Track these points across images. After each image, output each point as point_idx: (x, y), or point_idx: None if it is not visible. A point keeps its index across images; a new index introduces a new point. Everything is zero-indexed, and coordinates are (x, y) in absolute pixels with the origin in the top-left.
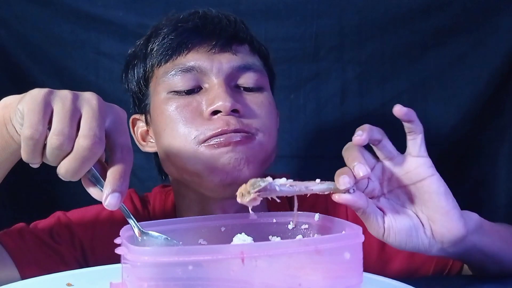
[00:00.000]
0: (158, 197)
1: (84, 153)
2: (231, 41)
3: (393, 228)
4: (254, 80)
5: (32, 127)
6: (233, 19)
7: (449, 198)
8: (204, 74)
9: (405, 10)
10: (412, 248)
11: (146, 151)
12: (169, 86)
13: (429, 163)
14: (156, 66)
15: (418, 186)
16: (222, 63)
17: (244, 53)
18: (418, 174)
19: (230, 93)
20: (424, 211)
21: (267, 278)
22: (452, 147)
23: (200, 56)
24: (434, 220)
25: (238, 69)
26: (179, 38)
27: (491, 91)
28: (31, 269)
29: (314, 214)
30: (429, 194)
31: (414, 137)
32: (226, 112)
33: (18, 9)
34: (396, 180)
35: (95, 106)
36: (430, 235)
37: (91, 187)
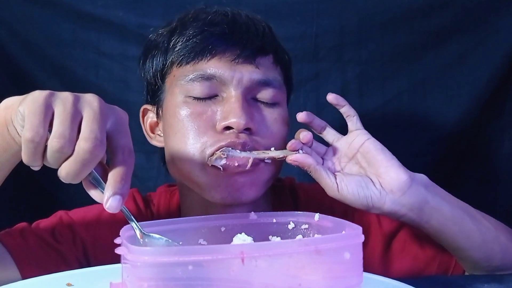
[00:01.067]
0: (163, 196)
1: (85, 155)
2: (255, 53)
3: (344, 181)
4: (272, 96)
5: (33, 130)
6: (261, 28)
7: (386, 152)
8: (223, 84)
9: (405, 10)
10: (364, 198)
11: (153, 144)
12: (187, 90)
13: (364, 131)
14: (176, 65)
15: (360, 151)
16: (243, 75)
17: (267, 66)
18: (358, 141)
19: (246, 110)
20: (371, 171)
21: (267, 278)
22: (452, 146)
23: (222, 65)
24: (379, 173)
25: (258, 83)
26: (204, 43)
27: (491, 91)
28: (32, 269)
29: (314, 214)
30: (369, 153)
31: (350, 118)
32: (239, 130)
33: (18, 9)
34: (345, 154)
35: (96, 108)
36: (380, 187)
37: (92, 190)
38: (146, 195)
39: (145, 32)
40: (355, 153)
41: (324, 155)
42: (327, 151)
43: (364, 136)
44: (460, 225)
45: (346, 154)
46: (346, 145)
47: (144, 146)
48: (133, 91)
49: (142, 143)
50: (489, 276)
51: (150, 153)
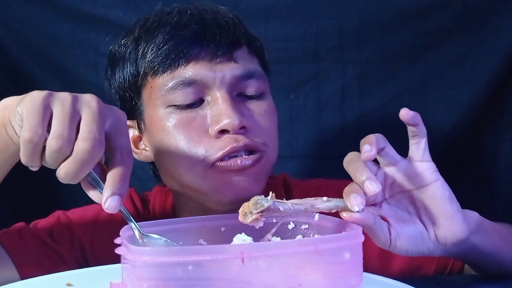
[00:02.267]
0: (158, 196)
1: (84, 156)
2: (231, 47)
3: (399, 238)
4: (256, 88)
5: (31, 130)
6: (231, 20)
7: (453, 202)
8: (206, 87)
9: (405, 10)
10: (417, 254)
11: (140, 160)
12: (168, 100)
13: (433, 167)
14: (151, 75)
15: (421, 191)
16: (224, 74)
17: (244, 59)
18: (422, 180)
19: (236, 108)
20: (427, 216)
21: (267, 278)
22: (452, 147)
23: (200, 67)
24: (438, 224)
25: (240, 78)
26: (178, 49)
27: (491, 91)
28: (30, 269)
29: (314, 214)
30: (433, 199)
31: (418, 141)
32: (234, 130)
33: (18, 9)
34: (399, 185)
35: (95, 108)
36: (434, 239)
37: (91, 190)
38: (144, 195)
39: None
40: (413, 189)
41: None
42: (378, 173)
43: (433, 175)
44: (493, 257)
45: (400, 185)
46: (404, 176)
47: None
48: None
49: None
50: (489, 276)
51: None
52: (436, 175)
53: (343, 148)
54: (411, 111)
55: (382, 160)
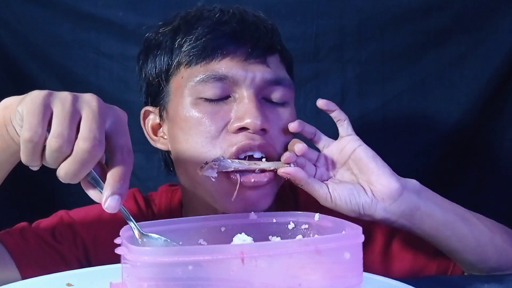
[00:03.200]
0: (164, 195)
1: (84, 155)
2: (265, 51)
3: (336, 191)
4: (282, 95)
5: (31, 130)
6: (269, 26)
7: (377, 160)
8: (235, 84)
9: (405, 10)
10: (356, 205)
11: (157, 146)
12: (198, 92)
13: (356, 137)
14: (184, 65)
15: (352, 158)
16: (255, 75)
17: (276, 65)
18: (350, 148)
19: (260, 110)
20: (363, 178)
21: (267, 278)
22: (452, 146)
23: (234, 65)
24: (371, 181)
25: (269, 83)
26: (215, 43)
27: (491, 91)
28: (31, 269)
29: (314, 214)
30: (361, 161)
31: (341, 123)
32: (255, 130)
33: (18, 9)
34: (337, 160)
35: (95, 108)
36: (371, 195)
37: (91, 190)
38: (147, 195)
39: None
40: (347, 159)
41: (316, 161)
42: (319, 157)
43: (355, 142)
44: (452, 229)
45: (338, 160)
46: (337, 151)
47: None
48: (133, 91)
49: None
50: (489, 276)
51: (150, 153)
52: (359, 141)
53: None
54: (324, 100)
55: (318, 144)
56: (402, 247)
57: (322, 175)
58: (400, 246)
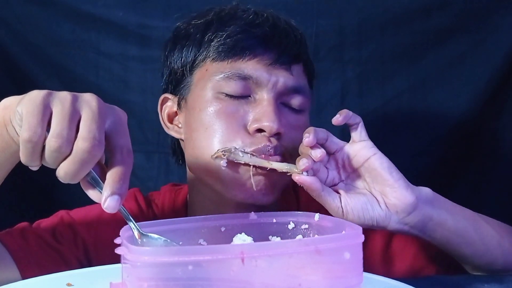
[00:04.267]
0: (167, 195)
1: (83, 155)
2: (291, 59)
3: (349, 205)
4: (300, 103)
5: (31, 130)
6: (299, 35)
7: (393, 171)
8: (258, 86)
9: (405, 10)
10: (370, 220)
11: (170, 133)
12: (221, 87)
13: (371, 144)
14: (210, 60)
15: (365, 166)
16: (278, 79)
17: (299, 74)
18: (363, 156)
19: (278, 114)
20: (376, 188)
21: (267, 278)
22: (452, 146)
23: (260, 67)
24: (385, 193)
25: (290, 89)
26: (246, 43)
27: (491, 91)
28: (32, 269)
29: (314, 214)
30: (375, 171)
31: (354, 127)
32: (270, 134)
33: (18, 9)
34: (349, 165)
35: (94, 107)
36: (385, 207)
37: (90, 190)
38: (148, 195)
39: (145, 32)
40: (359, 166)
41: (327, 163)
42: (330, 159)
43: (370, 150)
44: (463, 236)
45: (350, 165)
46: (350, 156)
47: (144, 146)
48: (133, 91)
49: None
50: (489, 276)
51: (150, 153)
52: (374, 149)
53: None
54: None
55: (330, 149)
56: (402, 246)
57: (334, 178)
58: (400, 245)
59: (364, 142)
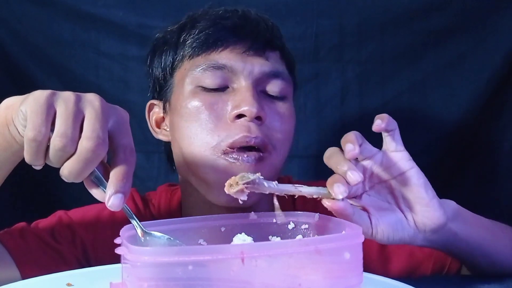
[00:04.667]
0: (163, 195)
1: (88, 154)
2: (265, 46)
3: (380, 226)
4: (281, 88)
5: (35, 129)
6: (270, 24)
7: (428, 189)
8: (234, 74)
9: (405, 10)
10: (399, 241)
11: (158, 138)
12: (198, 80)
13: (408, 156)
14: (187, 58)
15: (398, 179)
16: (254, 66)
17: (275, 60)
18: (398, 169)
19: (256, 99)
20: (405, 204)
21: (267, 278)
22: (452, 146)
23: (233, 56)
24: (416, 211)
25: (268, 75)
26: (216, 35)
27: (491, 91)
28: (31, 269)
29: (314, 214)
30: (409, 187)
31: (391, 133)
32: (251, 118)
33: (18, 9)
34: (377, 176)
35: (98, 107)
36: (414, 226)
37: (94, 188)
38: (145, 195)
39: (145, 32)
40: (390, 178)
41: None
42: (357, 166)
43: (407, 163)
44: (481, 249)
45: (378, 176)
46: (381, 167)
47: (144, 146)
48: (133, 91)
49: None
50: (489, 276)
51: (150, 153)
52: (411, 163)
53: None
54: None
55: (360, 155)
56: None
57: (357, 190)
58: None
59: (401, 153)
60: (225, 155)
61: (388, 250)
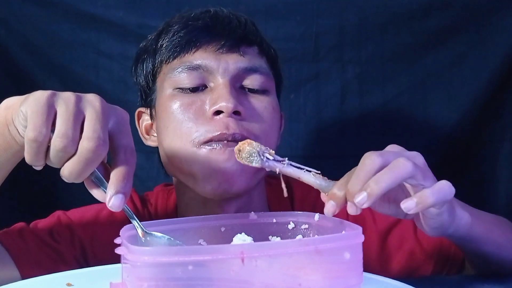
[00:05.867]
0: (160, 195)
1: (88, 155)
2: (239, 42)
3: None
4: (260, 83)
5: (36, 130)
6: (243, 20)
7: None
8: (210, 73)
9: (405, 10)
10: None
11: (148, 144)
12: (175, 82)
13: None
14: (164, 62)
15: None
16: (228, 64)
17: (252, 55)
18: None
19: (234, 94)
20: None
21: (267, 278)
22: (452, 147)
23: (207, 55)
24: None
25: (244, 71)
26: (188, 36)
27: (491, 91)
28: (31, 269)
29: (314, 214)
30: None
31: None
32: (228, 113)
33: (18, 9)
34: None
35: (98, 108)
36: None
37: (94, 189)
38: (143, 195)
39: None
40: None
41: None
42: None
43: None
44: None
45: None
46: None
47: (144, 146)
48: (133, 91)
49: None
50: (489, 276)
51: (150, 153)
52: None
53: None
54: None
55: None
56: (399, 244)
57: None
58: (396, 243)
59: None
60: (204, 144)
61: (388, 250)
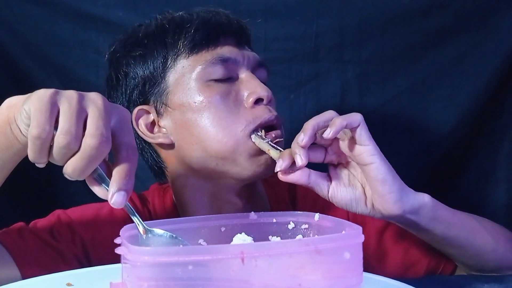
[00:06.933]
0: (156, 194)
1: (91, 152)
2: (248, 40)
3: (335, 197)
4: (266, 75)
5: (39, 127)
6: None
7: (386, 183)
8: (236, 65)
9: (405, 10)
10: (355, 212)
11: (158, 142)
12: (207, 74)
13: (372, 151)
14: (184, 57)
15: (363, 169)
16: (249, 56)
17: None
18: (361, 160)
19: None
20: (368, 189)
21: (267, 278)
22: (452, 147)
23: (232, 49)
24: (374, 198)
25: (259, 64)
26: (214, 31)
27: (491, 91)
28: (31, 268)
29: (314, 214)
30: (369, 178)
31: (353, 129)
32: (267, 101)
33: (18, 9)
34: (345, 156)
35: (100, 106)
36: (371, 207)
37: (96, 186)
38: (141, 194)
39: None
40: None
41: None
42: (334, 143)
43: (368, 158)
44: (450, 242)
45: (351, 157)
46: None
47: None
48: None
49: None
50: (489, 276)
51: None
52: (372, 158)
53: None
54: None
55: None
56: (394, 240)
57: (332, 161)
58: (392, 239)
59: (364, 147)
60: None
61: (385, 246)
